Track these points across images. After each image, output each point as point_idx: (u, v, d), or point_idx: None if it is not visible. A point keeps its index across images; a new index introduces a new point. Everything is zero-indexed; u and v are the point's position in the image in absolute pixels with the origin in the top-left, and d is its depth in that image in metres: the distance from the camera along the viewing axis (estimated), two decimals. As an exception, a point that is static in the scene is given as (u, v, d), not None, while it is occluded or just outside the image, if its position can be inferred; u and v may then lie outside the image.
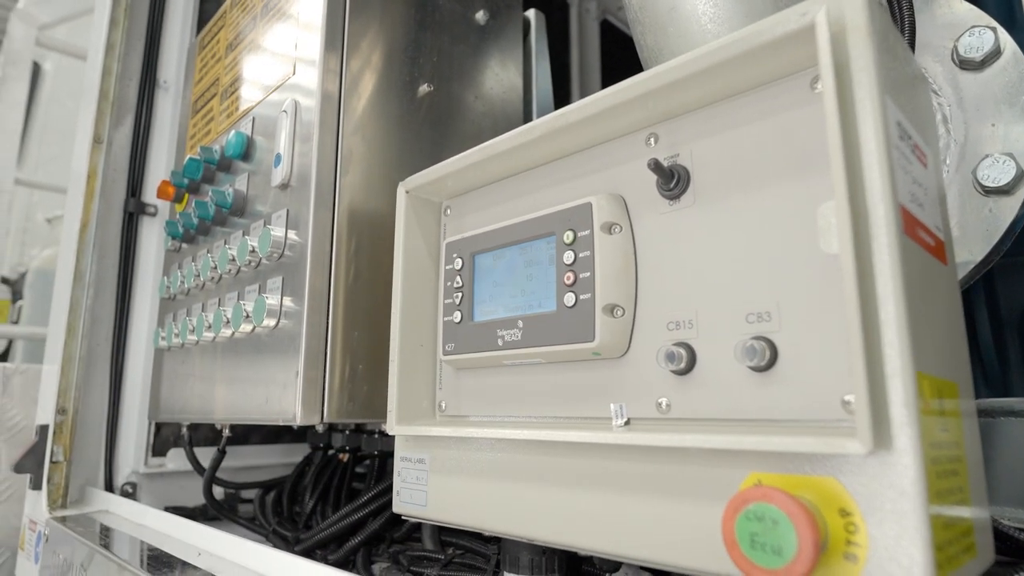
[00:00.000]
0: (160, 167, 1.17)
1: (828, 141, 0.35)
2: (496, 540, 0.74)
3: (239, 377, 0.74)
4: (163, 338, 0.93)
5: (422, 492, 0.59)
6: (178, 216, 0.92)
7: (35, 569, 0.87)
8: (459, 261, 0.60)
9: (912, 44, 0.62)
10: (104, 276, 1.07)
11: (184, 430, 0.99)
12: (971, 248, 0.66)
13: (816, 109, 0.40)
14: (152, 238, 1.15)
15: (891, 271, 0.33)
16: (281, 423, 0.66)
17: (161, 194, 0.97)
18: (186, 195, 0.98)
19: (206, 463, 1.09)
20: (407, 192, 0.64)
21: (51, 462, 0.94)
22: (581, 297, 0.48)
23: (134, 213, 1.13)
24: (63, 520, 0.85)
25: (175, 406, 0.90)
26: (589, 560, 0.63)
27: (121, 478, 1.07)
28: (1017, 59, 0.67)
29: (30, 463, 0.91)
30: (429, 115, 0.81)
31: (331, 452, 1.05)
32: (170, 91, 1.21)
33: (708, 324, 0.43)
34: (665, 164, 0.46)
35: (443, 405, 0.62)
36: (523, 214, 0.56)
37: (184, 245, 0.96)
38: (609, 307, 0.47)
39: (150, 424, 1.09)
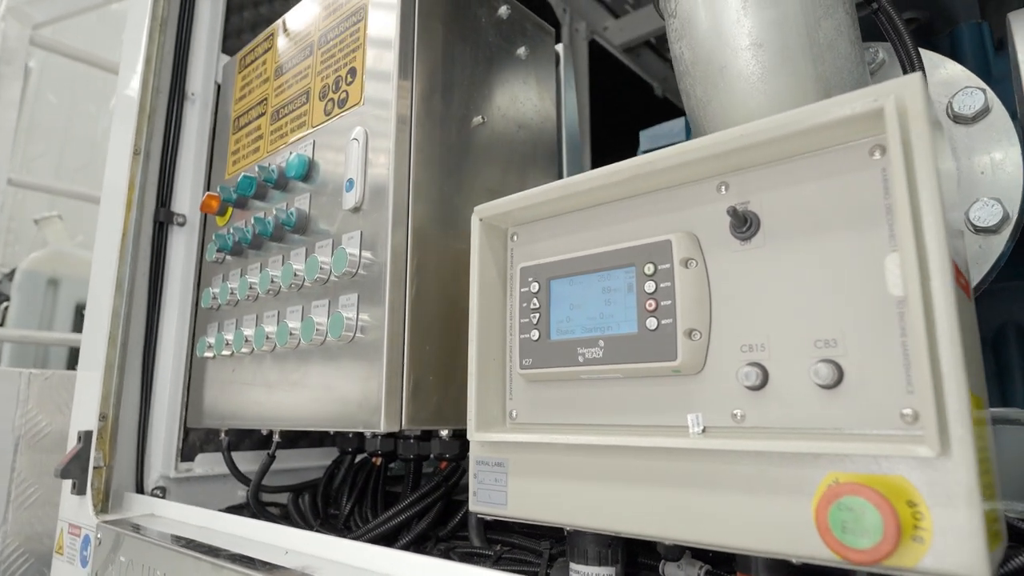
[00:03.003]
0: (188, 177, 1.20)
1: (896, 206, 0.44)
2: (547, 537, 0.81)
3: (309, 386, 0.79)
4: (210, 347, 0.97)
5: (501, 492, 0.65)
6: (231, 230, 0.95)
7: (83, 572, 0.90)
8: (535, 285, 0.67)
9: (922, 104, 0.72)
10: (137, 285, 1.10)
11: (223, 436, 1.03)
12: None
13: (873, 174, 0.49)
14: (180, 247, 1.17)
15: (948, 312, 0.42)
16: (362, 429, 0.71)
17: (205, 207, 1.01)
18: (229, 209, 1.02)
19: (221, 468, 1.13)
20: (481, 220, 0.71)
21: (93, 467, 0.96)
22: (663, 322, 0.56)
23: (164, 223, 1.16)
24: (116, 523, 0.88)
25: (223, 412, 0.94)
26: (646, 551, 0.70)
27: (151, 483, 1.09)
28: (1003, 116, 0.78)
29: (75, 468, 0.94)
30: (481, 143, 0.87)
31: (361, 456, 1.11)
32: (196, 103, 1.23)
33: (779, 347, 0.52)
34: (738, 209, 0.54)
35: (514, 413, 0.69)
36: (597, 245, 0.63)
37: (228, 257, 1.00)
38: (688, 331, 0.55)
39: (180, 430, 1.12)
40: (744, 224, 0.54)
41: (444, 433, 0.81)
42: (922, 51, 0.85)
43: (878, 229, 0.48)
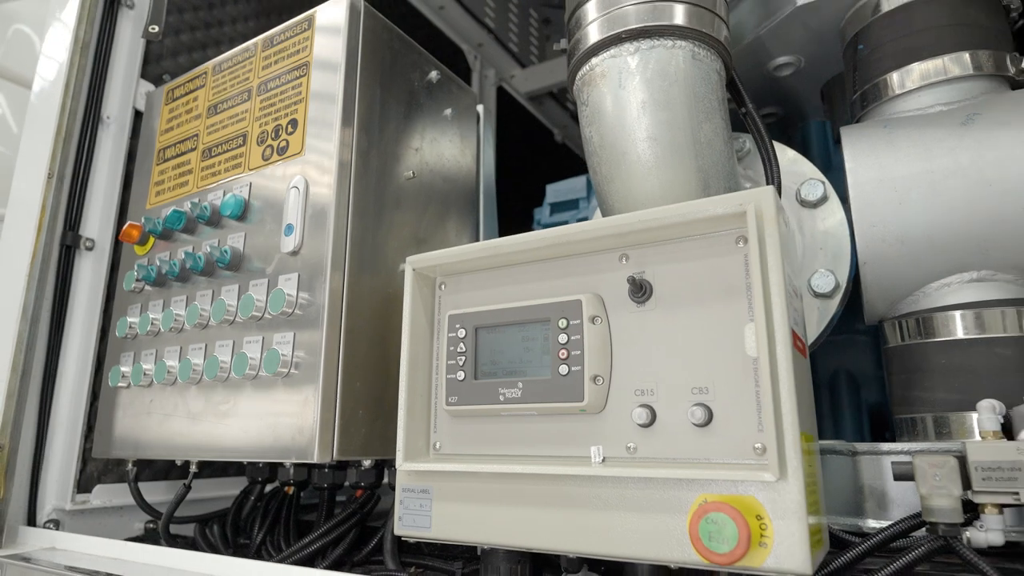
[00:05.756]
0: (99, 201, 1.18)
1: (752, 289, 0.58)
2: (459, 558, 0.89)
3: (239, 416, 0.83)
4: (124, 376, 0.97)
5: (426, 517, 0.73)
6: (156, 260, 0.97)
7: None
8: (463, 331, 0.76)
9: (779, 191, 0.89)
10: (41, 310, 1.07)
11: (130, 466, 1.02)
12: (807, 334, 0.94)
13: (738, 258, 0.63)
14: (87, 273, 1.15)
15: (787, 371, 0.56)
16: (294, 459, 0.76)
17: (126, 236, 1.01)
18: (152, 239, 1.03)
19: (119, 499, 1.12)
20: (414, 270, 0.79)
21: (-14, 500, 0.93)
22: (573, 368, 0.67)
23: (71, 246, 1.14)
24: (13, 558, 0.85)
25: (137, 441, 0.95)
26: (549, 567, 0.80)
27: (43, 515, 1.06)
28: (837, 203, 0.97)
29: (-33, 501, 0.90)
30: (410, 195, 0.96)
31: (272, 486, 1.13)
32: (111, 127, 1.22)
33: (664, 392, 0.64)
34: (636, 278, 0.67)
35: (437, 445, 0.77)
36: (517, 299, 0.73)
37: (149, 288, 1.01)
38: (593, 376, 0.67)
39: (78, 460, 1.09)
40: (640, 290, 0.67)
41: (367, 463, 0.87)
42: (778, 145, 1.04)
43: (740, 302, 0.62)
